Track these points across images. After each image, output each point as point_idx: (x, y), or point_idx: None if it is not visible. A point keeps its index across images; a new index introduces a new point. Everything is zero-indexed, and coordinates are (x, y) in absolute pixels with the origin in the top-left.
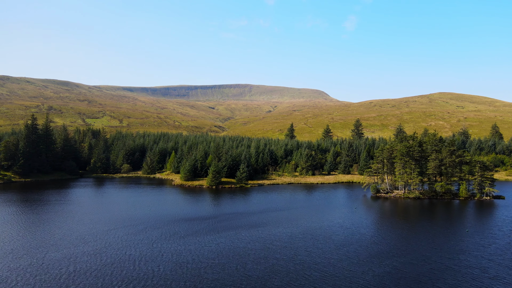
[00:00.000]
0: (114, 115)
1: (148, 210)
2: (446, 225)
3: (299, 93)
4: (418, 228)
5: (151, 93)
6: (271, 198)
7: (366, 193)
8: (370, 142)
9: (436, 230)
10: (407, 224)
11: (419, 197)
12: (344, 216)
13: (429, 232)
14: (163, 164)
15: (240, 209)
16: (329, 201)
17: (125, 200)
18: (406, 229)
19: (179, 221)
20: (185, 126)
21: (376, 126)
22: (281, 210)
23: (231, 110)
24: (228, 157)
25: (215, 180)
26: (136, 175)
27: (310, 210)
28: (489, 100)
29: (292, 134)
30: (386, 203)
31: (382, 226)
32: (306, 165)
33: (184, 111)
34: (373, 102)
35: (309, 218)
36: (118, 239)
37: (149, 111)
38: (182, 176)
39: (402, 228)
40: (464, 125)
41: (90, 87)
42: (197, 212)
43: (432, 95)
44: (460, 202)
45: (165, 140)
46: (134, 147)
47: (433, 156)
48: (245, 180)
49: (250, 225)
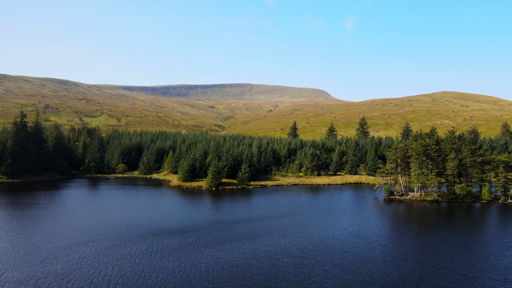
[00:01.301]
0: (112, 113)
1: (138, 216)
2: (480, 234)
3: (300, 92)
4: (448, 238)
5: (150, 92)
6: (276, 201)
7: (378, 195)
8: (376, 141)
9: (470, 240)
10: (433, 233)
11: (437, 200)
12: (358, 222)
13: (461, 242)
14: (161, 164)
15: (242, 215)
16: (339, 205)
17: (114, 203)
18: (433, 239)
19: (171, 231)
20: (185, 125)
21: (380, 125)
22: (287, 215)
23: (231, 109)
24: (229, 156)
25: (215, 181)
26: (132, 176)
27: (320, 215)
28: (493, 99)
29: (295, 132)
30: (402, 206)
31: (405, 236)
32: (311, 165)
33: (184, 110)
34: (375, 101)
35: (320, 226)
36: (96, 254)
37: (148, 110)
38: (180, 177)
39: (428, 238)
40: (473, 123)
41: (89, 86)
42: (194, 218)
43: (435, 94)
44: (483, 205)
45: (163, 138)
46: (130, 146)
47: (452, 155)
48: (247, 181)
49: (254, 234)
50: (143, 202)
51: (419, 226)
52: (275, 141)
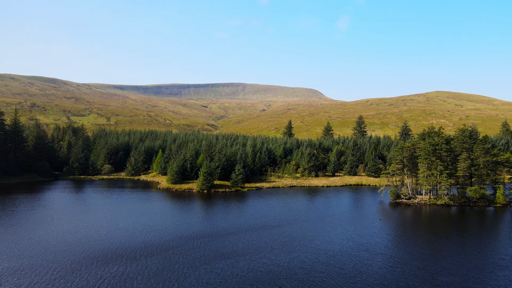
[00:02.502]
0: (102, 112)
1: (115, 227)
2: (506, 244)
3: (293, 92)
4: (475, 249)
5: (142, 92)
6: (273, 207)
7: (383, 198)
8: (374, 140)
9: (500, 251)
10: (456, 244)
11: (448, 204)
12: (367, 232)
13: (492, 257)
14: (149, 164)
15: (236, 223)
16: (342, 210)
17: (92, 209)
18: (459, 253)
19: (152, 246)
20: (176, 124)
21: (376, 125)
22: (287, 224)
23: (224, 108)
24: (222, 156)
25: (206, 183)
26: (119, 177)
27: (323, 223)
28: (486, 99)
29: (290, 132)
30: (411, 211)
31: (425, 249)
32: (308, 165)
33: (176, 110)
34: (369, 100)
35: (325, 237)
36: (43, 285)
37: (139, 109)
38: (169, 179)
39: (453, 252)
40: (472, 123)
41: (79, 85)
42: (180, 229)
43: (429, 94)
44: (497, 210)
45: (152, 138)
46: (118, 146)
47: (464, 155)
48: (241, 183)
49: (250, 249)
50: (125, 208)
51: (436, 237)
52: (270, 141)
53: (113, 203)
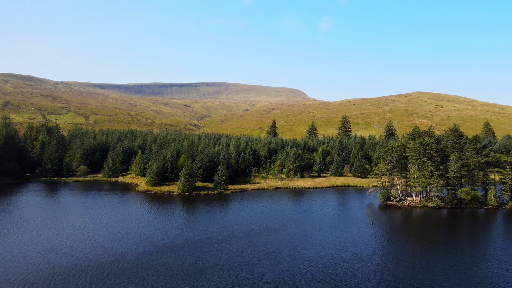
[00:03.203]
0: (80, 111)
1: (82, 238)
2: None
3: (277, 92)
4: (478, 259)
5: (123, 90)
6: (258, 211)
7: (372, 200)
8: (359, 140)
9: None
10: (457, 253)
11: (439, 206)
12: (359, 239)
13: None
14: (128, 165)
15: (218, 230)
16: (331, 214)
17: (58, 216)
18: (460, 261)
19: (122, 261)
20: (158, 123)
21: (360, 124)
22: (274, 230)
23: (207, 108)
24: (204, 157)
25: (187, 185)
26: (95, 179)
27: (313, 230)
28: (466, 99)
29: (274, 131)
30: (402, 214)
31: (421, 258)
32: (293, 166)
33: (158, 109)
34: (352, 100)
35: (315, 245)
36: None
37: (119, 108)
38: (148, 180)
39: (453, 260)
40: (456, 123)
41: (57, 83)
42: (157, 238)
43: (410, 94)
44: (489, 212)
45: (131, 137)
46: (95, 146)
47: (455, 155)
48: (224, 185)
49: (235, 261)
50: (97, 213)
51: (432, 243)
52: (254, 141)
53: (85, 208)
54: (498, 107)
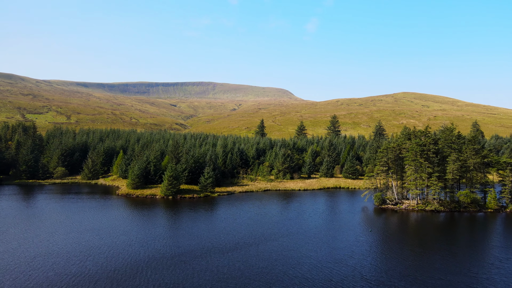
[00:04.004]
0: (62, 110)
1: (44, 251)
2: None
3: (264, 91)
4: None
5: (108, 89)
6: (247, 217)
7: (367, 204)
8: (349, 140)
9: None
10: (464, 265)
11: (437, 210)
12: (359, 250)
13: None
14: (109, 167)
15: (203, 241)
16: (325, 220)
17: (25, 224)
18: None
19: (87, 283)
20: (143, 123)
21: (348, 124)
22: (264, 240)
23: (194, 107)
24: (190, 158)
25: (171, 188)
26: (74, 181)
27: (307, 239)
28: (451, 100)
29: (262, 131)
30: (399, 219)
31: (428, 273)
32: (283, 167)
33: (143, 108)
34: (340, 100)
35: (311, 259)
36: None
37: (103, 107)
38: (130, 183)
39: (461, 275)
40: (444, 123)
41: (38, 81)
42: (132, 251)
43: (396, 95)
44: (488, 215)
45: (114, 137)
46: (74, 146)
47: (453, 156)
48: (211, 188)
49: (221, 282)
50: (68, 221)
51: (437, 255)
52: (241, 141)
53: (56, 215)
54: (483, 108)
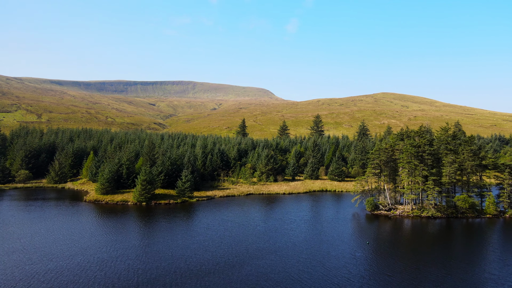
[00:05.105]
0: (32, 109)
1: None
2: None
3: (244, 91)
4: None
5: (84, 88)
6: (228, 227)
7: (358, 210)
8: (333, 140)
9: None
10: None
11: (434, 216)
12: (357, 271)
13: None
14: (79, 169)
15: (176, 261)
16: (316, 231)
17: None
18: None
19: None
20: (120, 122)
21: (330, 124)
22: (249, 259)
23: (173, 107)
24: (166, 159)
25: (145, 193)
26: (38, 185)
27: (298, 257)
28: (429, 100)
29: (244, 131)
30: (395, 227)
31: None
32: (266, 169)
33: (120, 107)
34: (320, 100)
35: (307, 287)
36: None
37: (77, 106)
38: (99, 188)
39: None
40: (427, 123)
41: (9, 78)
42: (85, 277)
43: (376, 95)
44: (487, 221)
45: (85, 137)
46: (40, 147)
47: (449, 158)
48: (189, 192)
49: None
50: (13, 236)
51: (446, 273)
52: (222, 141)
53: (7, 227)
54: (460, 108)
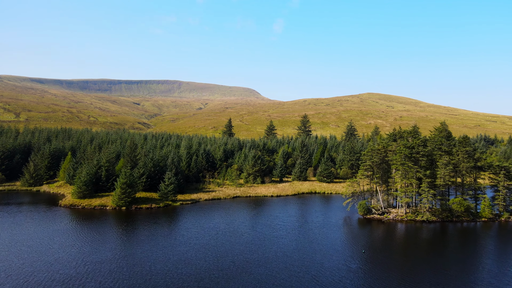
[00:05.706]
0: (10, 107)
1: None
2: None
3: (230, 91)
4: None
5: (66, 86)
6: (213, 234)
7: (350, 214)
8: (321, 140)
9: None
10: None
11: (429, 220)
12: (354, 286)
13: None
14: (56, 171)
15: (155, 278)
16: (307, 237)
17: None
18: None
19: None
20: (102, 122)
21: (317, 124)
22: (236, 274)
23: (158, 106)
24: (149, 161)
25: (125, 197)
26: (11, 188)
27: (291, 271)
28: (413, 101)
29: (230, 131)
30: (389, 232)
31: None
32: (253, 170)
33: (104, 106)
34: (307, 100)
35: None
36: None
37: (58, 105)
38: (75, 191)
39: None
40: (414, 123)
41: None
42: None
43: (362, 95)
44: (483, 225)
45: (64, 137)
46: (14, 147)
47: (444, 160)
48: (172, 196)
49: None
50: None
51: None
52: (208, 141)
53: None
54: (444, 109)
